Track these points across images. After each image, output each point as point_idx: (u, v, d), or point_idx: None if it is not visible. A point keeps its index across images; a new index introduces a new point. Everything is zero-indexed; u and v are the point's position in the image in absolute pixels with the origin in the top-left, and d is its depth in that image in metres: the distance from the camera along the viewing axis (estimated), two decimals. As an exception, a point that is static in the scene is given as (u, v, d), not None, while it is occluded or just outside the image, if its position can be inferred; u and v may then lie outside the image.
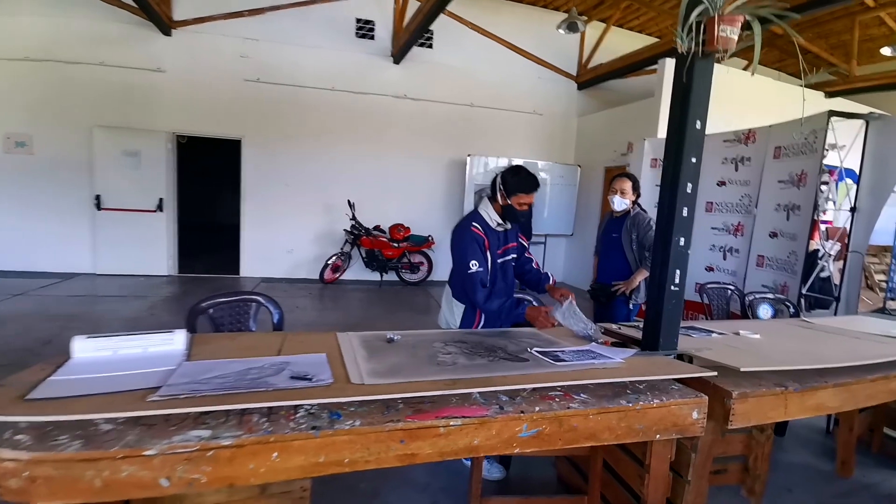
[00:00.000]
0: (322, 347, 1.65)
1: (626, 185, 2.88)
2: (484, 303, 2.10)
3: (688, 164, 1.69)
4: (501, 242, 2.23)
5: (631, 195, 2.89)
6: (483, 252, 2.12)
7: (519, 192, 2.10)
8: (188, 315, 2.05)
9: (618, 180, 2.92)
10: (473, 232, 2.11)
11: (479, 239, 2.11)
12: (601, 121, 7.33)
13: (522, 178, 2.11)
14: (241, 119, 6.46)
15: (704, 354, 1.73)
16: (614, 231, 2.92)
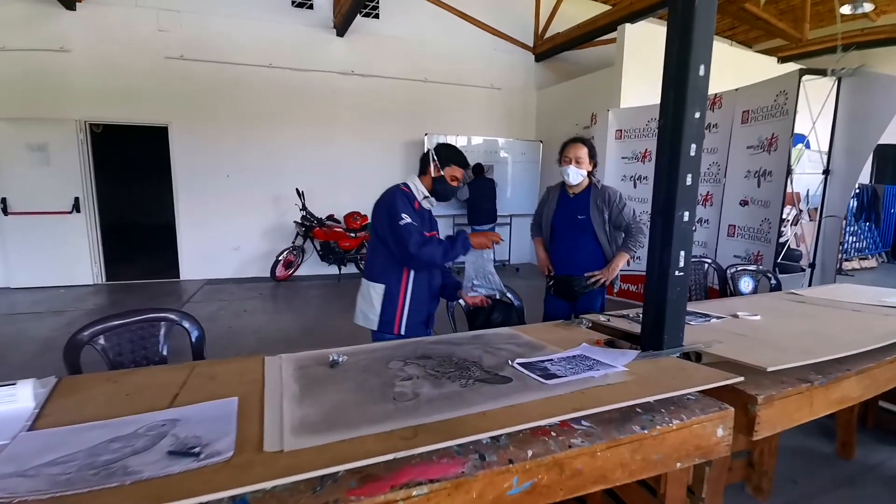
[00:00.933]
0: (239, 384, 1.24)
1: (581, 151, 2.26)
2: (419, 248, 1.78)
3: (691, 122, 1.37)
4: (428, 223, 1.97)
5: (588, 164, 2.30)
6: (413, 210, 1.86)
7: (453, 163, 1.93)
8: (66, 350, 1.58)
9: (571, 147, 2.29)
10: (401, 190, 1.90)
11: (409, 196, 1.89)
12: (561, 93, 7.06)
13: (456, 151, 1.99)
14: (165, 103, 5.70)
15: (715, 349, 1.45)
16: (577, 211, 2.34)
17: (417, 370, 1.31)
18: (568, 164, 2.28)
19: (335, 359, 1.39)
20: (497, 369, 1.31)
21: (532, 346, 1.55)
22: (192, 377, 1.31)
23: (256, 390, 1.19)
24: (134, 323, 1.76)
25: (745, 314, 1.98)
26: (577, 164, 2.28)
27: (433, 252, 1.81)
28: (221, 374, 1.33)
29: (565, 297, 2.41)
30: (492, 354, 1.46)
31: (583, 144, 2.29)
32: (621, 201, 2.31)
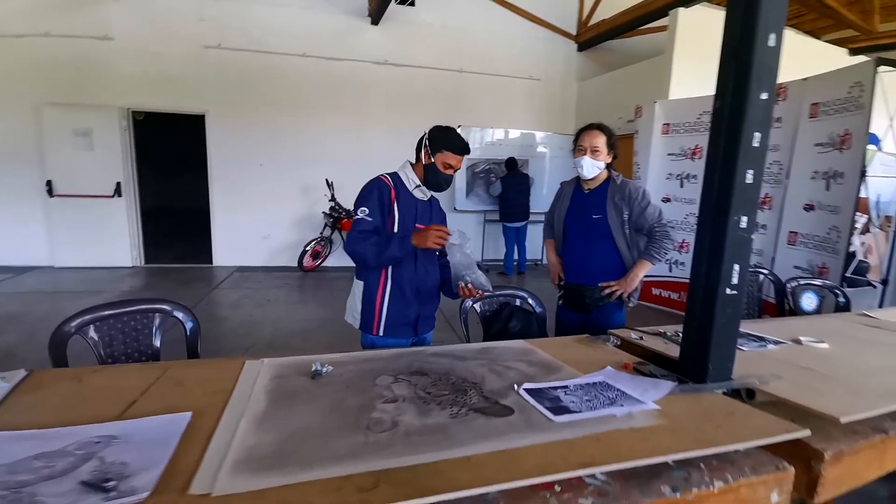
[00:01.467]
0: (204, 393, 1.10)
1: (597, 140, 1.95)
2: (352, 245, 1.65)
3: (755, 105, 1.10)
4: (422, 216, 1.77)
5: (606, 155, 1.97)
6: (382, 203, 1.69)
7: (445, 149, 1.69)
8: (51, 341, 1.50)
9: (586, 134, 1.98)
10: (379, 180, 1.73)
11: (382, 188, 1.70)
12: (604, 84, 6.64)
13: (452, 136, 1.74)
14: (202, 91, 5.79)
15: (773, 387, 1.18)
16: (592, 209, 2.02)
17: (407, 390, 1.13)
18: (582, 154, 1.97)
19: (318, 369, 1.23)
20: (499, 395, 1.11)
21: (547, 366, 1.33)
22: (160, 381, 1.19)
23: (220, 403, 1.05)
24: (125, 314, 1.67)
25: (809, 340, 1.66)
26: (592, 155, 1.95)
27: (364, 251, 1.64)
28: (192, 379, 1.20)
29: (576, 309, 2.10)
30: (497, 375, 1.25)
31: (600, 131, 1.97)
32: (644, 199, 1.97)
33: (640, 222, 1.97)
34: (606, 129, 2.00)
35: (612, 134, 2.02)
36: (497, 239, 6.70)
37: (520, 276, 6.43)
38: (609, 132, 2.00)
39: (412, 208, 1.75)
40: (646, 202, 1.96)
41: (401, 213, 1.71)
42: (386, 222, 1.70)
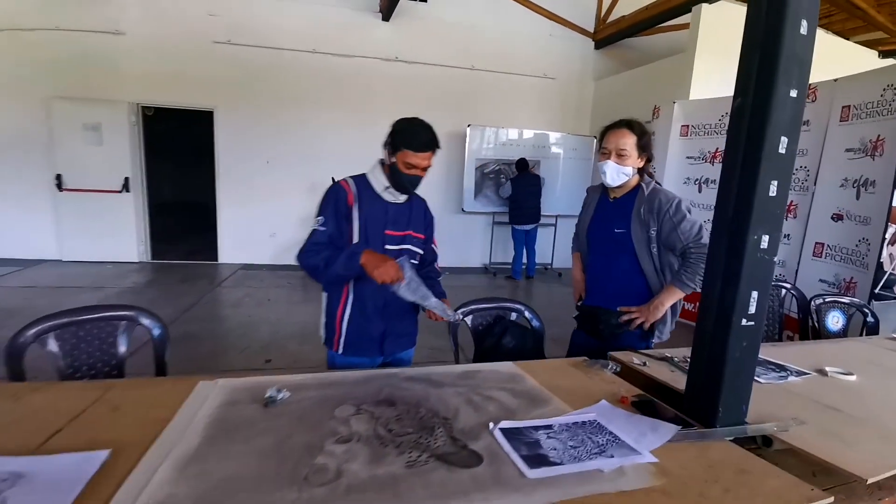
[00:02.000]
0: (138, 424, 0.98)
1: (625, 139, 1.63)
2: (299, 256, 1.51)
3: (783, 103, 0.93)
4: (394, 220, 1.56)
5: (636, 158, 1.66)
6: (338, 210, 1.52)
7: (405, 146, 1.45)
8: (7, 352, 1.39)
9: (612, 134, 1.67)
10: (336, 185, 1.56)
11: (339, 193, 1.53)
12: (622, 83, 6.40)
13: (414, 130, 1.48)
14: (211, 87, 5.74)
15: (793, 436, 1.01)
16: (616, 222, 1.71)
17: (366, 425, 0.99)
18: (606, 157, 1.67)
19: (272, 395, 1.10)
20: (470, 436, 0.96)
21: (533, 397, 1.18)
22: (96, 405, 1.07)
23: (152, 436, 0.92)
24: (88, 321, 1.57)
25: (835, 371, 1.48)
26: (618, 159, 1.65)
27: (315, 266, 1.48)
28: (131, 404, 1.08)
29: (590, 333, 1.81)
30: (474, 408, 1.10)
31: (629, 130, 1.65)
32: (678, 213, 1.61)
33: (671, 240, 1.63)
34: (637, 127, 1.67)
35: (645, 132, 1.69)
36: (506, 242, 6.53)
37: (528, 281, 6.24)
38: (640, 130, 1.68)
39: (380, 212, 1.54)
40: (679, 216, 1.61)
41: (362, 220, 1.52)
42: (344, 231, 1.52)
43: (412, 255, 1.61)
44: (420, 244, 1.65)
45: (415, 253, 1.63)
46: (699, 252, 1.59)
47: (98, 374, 1.56)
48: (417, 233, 1.64)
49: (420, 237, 1.65)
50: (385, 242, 1.55)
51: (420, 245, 1.66)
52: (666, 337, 1.74)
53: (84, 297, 4.34)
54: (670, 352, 1.57)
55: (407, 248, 1.60)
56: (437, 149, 1.50)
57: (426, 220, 1.69)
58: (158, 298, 4.51)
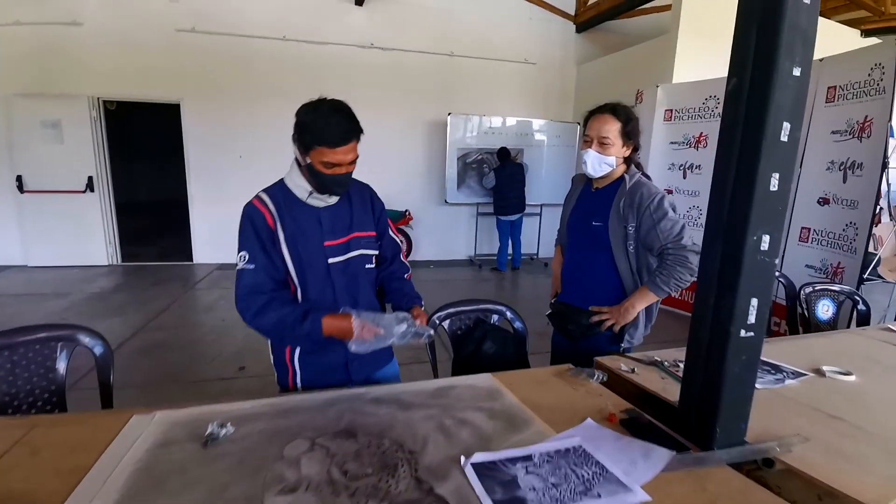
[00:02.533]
0: (55, 472, 0.84)
1: (608, 126, 1.50)
2: (253, 318, 1.22)
3: (784, 83, 0.81)
4: (331, 228, 1.29)
5: (620, 146, 1.53)
6: (260, 238, 1.23)
7: (316, 143, 1.16)
8: None
9: (595, 120, 1.54)
10: (249, 207, 1.26)
11: (254, 217, 1.24)
12: (605, 68, 6.27)
13: (323, 119, 1.16)
14: (177, 79, 5.45)
15: (798, 456, 0.90)
16: (594, 214, 1.60)
17: (319, 466, 0.86)
18: (588, 145, 1.54)
19: (213, 432, 0.96)
20: (437, 475, 0.84)
21: (512, 418, 1.06)
22: (17, 446, 0.93)
23: (66, 490, 0.78)
24: (19, 345, 1.40)
25: (833, 371, 1.39)
26: (600, 147, 1.52)
27: (267, 330, 1.24)
28: (53, 446, 0.94)
29: (562, 332, 1.71)
30: (445, 435, 0.98)
31: (613, 116, 1.50)
32: (659, 210, 1.48)
33: (649, 239, 1.50)
34: (622, 113, 1.52)
35: (631, 118, 1.54)
36: (491, 233, 6.41)
37: (514, 272, 6.15)
38: (626, 116, 1.52)
39: (312, 222, 1.27)
40: (660, 214, 1.47)
41: (290, 240, 1.24)
42: (276, 260, 1.24)
43: (365, 259, 1.36)
44: (372, 243, 1.38)
45: (368, 256, 1.37)
46: (677, 254, 1.46)
47: (38, 402, 1.40)
48: (365, 231, 1.37)
49: (370, 235, 1.37)
50: (327, 256, 1.28)
51: (372, 244, 1.38)
52: (637, 342, 1.63)
53: (47, 306, 4.11)
54: (660, 354, 1.47)
55: (356, 254, 1.33)
56: (359, 136, 1.20)
57: (375, 211, 1.41)
58: (127, 304, 4.30)
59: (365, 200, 1.40)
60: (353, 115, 1.19)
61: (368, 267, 1.38)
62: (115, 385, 1.47)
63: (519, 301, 5.01)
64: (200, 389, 2.78)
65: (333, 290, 1.30)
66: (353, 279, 1.34)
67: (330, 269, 1.29)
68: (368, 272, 1.39)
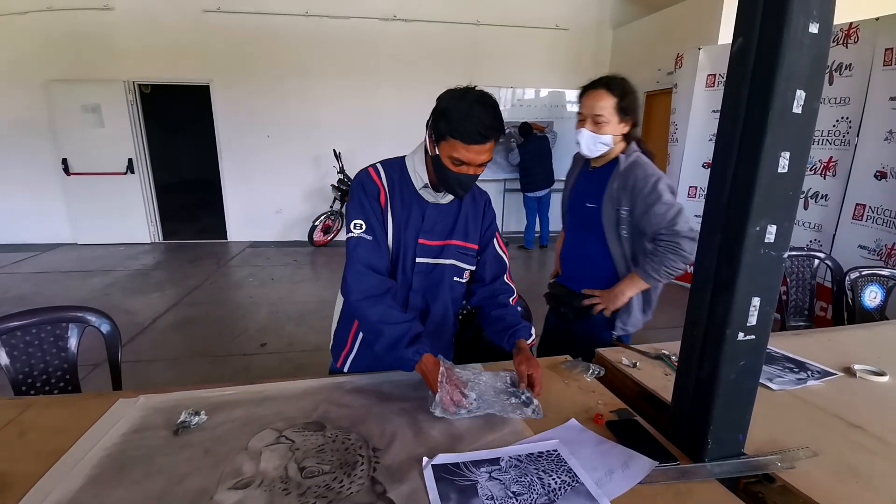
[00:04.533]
0: (36, 454, 0.86)
1: (602, 102, 1.38)
2: (359, 300, 1.10)
3: (798, 41, 0.67)
4: (431, 227, 1.17)
5: (616, 123, 1.40)
6: (372, 209, 1.13)
7: (451, 135, 1.02)
8: None
9: (588, 96, 1.42)
10: (366, 175, 1.16)
11: (367, 187, 1.14)
12: (643, 30, 5.82)
13: (464, 110, 1.01)
14: (205, 60, 5.54)
15: (800, 475, 0.80)
16: (588, 196, 1.51)
17: (278, 461, 0.84)
18: (581, 124, 1.43)
19: (185, 420, 0.96)
20: (395, 477, 0.80)
21: (490, 414, 1.00)
22: (8, 427, 0.97)
23: (40, 473, 0.81)
24: (33, 325, 1.47)
25: (864, 369, 1.24)
26: (594, 126, 1.40)
27: (368, 316, 1.09)
28: (40, 428, 0.97)
29: (556, 314, 1.66)
30: (415, 431, 0.94)
31: (607, 92, 1.38)
32: (653, 193, 1.36)
33: (643, 223, 1.40)
34: (617, 87, 1.39)
35: (628, 93, 1.41)
36: (518, 210, 6.25)
37: (542, 250, 5.99)
38: (622, 91, 1.40)
39: (416, 214, 1.16)
40: (654, 197, 1.36)
41: (397, 225, 1.15)
42: (383, 232, 1.15)
43: (455, 271, 1.22)
44: (470, 258, 1.23)
45: (460, 269, 1.23)
46: (670, 241, 1.36)
47: (51, 380, 1.48)
48: (466, 241, 1.21)
49: (469, 247, 1.22)
50: (417, 255, 1.17)
51: (470, 259, 1.23)
52: (634, 328, 1.54)
53: (92, 283, 4.39)
54: (669, 347, 1.36)
55: (446, 263, 1.20)
56: (499, 137, 1.06)
57: (484, 222, 1.25)
58: (165, 280, 4.53)
59: (478, 209, 1.25)
60: (498, 111, 1.05)
61: (457, 280, 1.23)
62: (146, 359, 1.51)
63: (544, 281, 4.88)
64: (224, 364, 2.89)
65: (409, 289, 1.20)
66: (434, 287, 1.21)
67: (414, 267, 1.18)
68: (455, 286, 1.24)
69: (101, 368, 1.83)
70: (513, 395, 1.06)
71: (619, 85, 1.40)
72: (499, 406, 1.01)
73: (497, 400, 1.03)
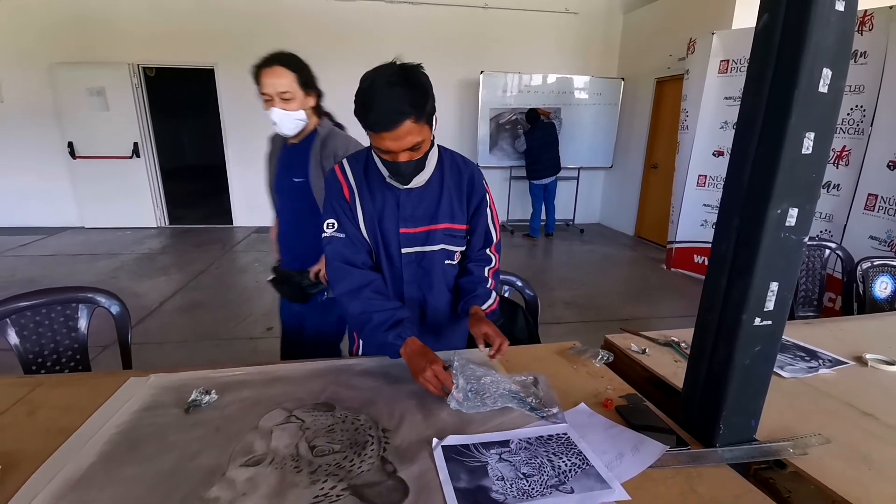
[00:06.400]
0: (46, 431, 0.87)
1: (283, 79, 1.38)
2: (341, 295, 1.12)
3: (825, 19, 0.65)
4: (411, 214, 1.13)
5: (303, 97, 1.43)
6: (342, 207, 1.13)
7: (364, 126, 0.99)
8: None
9: (265, 74, 1.39)
10: (331, 174, 1.15)
11: (332, 186, 1.14)
12: (654, 15, 5.70)
13: (367, 98, 0.95)
14: (209, 43, 5.48)
15: (812, 461, 0.80)
16: (294, 171, 1.51)
17: (289, 440, 0.85)
18: (270, 104, 1.40)
19: (196, 399, 0.97)
20: (404, 458, 0.80)
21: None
22: (18, 405, 0.98)
23: (51, 449, 0.82)
24: (42, 305, 1.48)
25: (875, 359, 1.23)
26: (283, 103, 1.40)
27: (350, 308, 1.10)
28: (51, 406, 0.98)
29: (292, 299, 1.62)
30: (425, 414, 0.94)
31: (283, 68, 1.38)
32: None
33: None
34: (292, 63, 1.41)
35: (303, 66, 1.44)
36: (525, 197, 6.21)
37: (547, 239, 5.97)
38: (297, 65, 1.42)
39: (391, 203, 1.12)
40: None
41: (368, 217, 1.13)
42: (354, 228, 1.14)
43: (447, 254, 1.20)
44: (458, 239, 1.19)
45: (451, 252, 1.20)
46: None
47: (62, 360, 1.50)
48: (453, 223, 1.17)
49: (458, 228, 1.18)
50: (401, 245, 1.14)
51: (458, 240, 1.20)
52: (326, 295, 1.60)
53: (99, 266, 4.42)
54: (678, 334, 1.36)
55: (435, 249, 1.17)
56: (419, 116, 0.96)
57: (471, 199, 1.19)
58: (171, 264, 4.55)
59: (461, 187, 1.17)
60: (414, 88, 0.95)
61: (449, 263, 1.21)
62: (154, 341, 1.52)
63: (549, 270, 4.88)
64: (230, 346, 2.91)
65: (402, 281, 1.18)
66: (428, 276, 1.19)
67: (402, 258, 1.16)
68: (448, 270, 1.21)
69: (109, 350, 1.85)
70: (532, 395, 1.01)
71: (293, 60, 1.41)
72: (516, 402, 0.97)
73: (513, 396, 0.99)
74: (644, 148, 5.87)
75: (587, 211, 6.71)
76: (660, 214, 5.45)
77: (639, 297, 3.91)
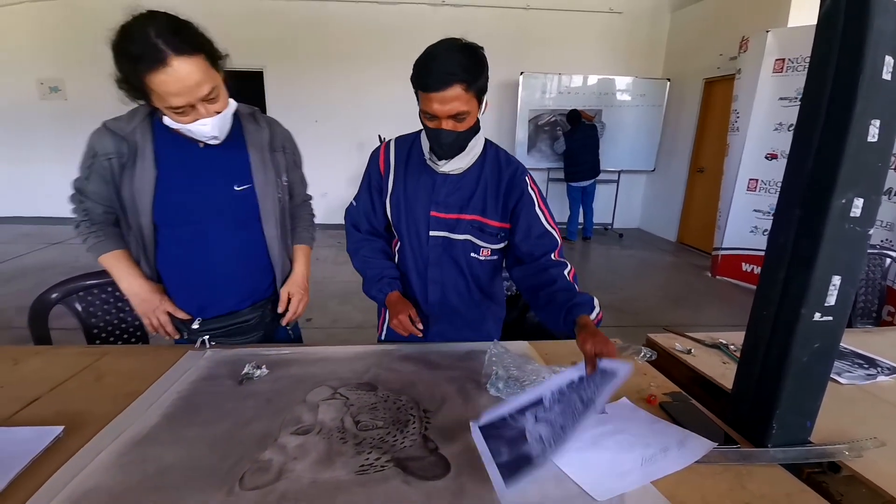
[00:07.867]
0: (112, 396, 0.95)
1: (193, 75, 0.98)
2: (349, 251, 1.31)
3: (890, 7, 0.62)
4: (445, 199, 1.14)
5: (220, 82, 1.09)
6: (371, 183, 1.24)
7: (415, 86, 1.02)
8: (31, 314, 1.44)
9: (160, 77, 0.94)
10: (375, 150, 1.25)
11: (372, 159, 1.25)
12: (704, 13, 5.51)
13: (426, 58, 0.99)
14: (259, 47, 5.74)
15: (867, 463, 0.76)
16: (230, 176, 1.19)
17: (335, 413, 0.88)
18: (185, 116, 1.04)
19: (248, 372, 1.03)
20: (446, 437, 0.82)
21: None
22: (85, 371, 1.07)
23: (116, 412, 0.89)
24: (108, 284, 1.60)
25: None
26: (209, 106, 1.05)
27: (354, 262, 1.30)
28: (116, 373, 1.06)
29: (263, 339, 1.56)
30: (464, 398, 0.96)
31: (189, 57, 0.97)
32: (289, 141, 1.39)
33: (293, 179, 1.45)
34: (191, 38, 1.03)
35: (199, 34, 1.07)
36: (562, 200, 6.12)
37: (585, 242, 5.86)
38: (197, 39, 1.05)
39: (426, 184, 1.16)
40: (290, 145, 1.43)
41: (395, 200, 1.19)
42: (377, 207, 1.23)
43: (472, 247, 1.19)
44: (488, 235, 1.17)
45: (477, 246, 1.19)
46: None
47: (123, 335, 1.61)
48: (484, 217, 1.16)
49: (489, 223, 1.16)
50: (430, 228, 1.17)
51: (488, 237, 1.17)
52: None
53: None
54: (726, 336, 1.31)
55: (462, 238, 1.18)
56: (469, 84, 0.97)
57: (510, 196, 1.15)
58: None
59: (501, 182, 1.15)
60: (472, 57, 0.97)
61: (474, 257, 1.20)
62: None
63: (586, 273, 4.79)
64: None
65: (426, 264, 1.22)
66: (452, 262, 1.21)
67: (429, 241, 1.19)
68: (473, 263, 1.21)
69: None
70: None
71: (189, 33, 1.04)
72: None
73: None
74: (690, 151, 5.67)
75: (627, 215, 6.55)
76: (705, 220, 5.24)
77: (681, 304, 3.77)
